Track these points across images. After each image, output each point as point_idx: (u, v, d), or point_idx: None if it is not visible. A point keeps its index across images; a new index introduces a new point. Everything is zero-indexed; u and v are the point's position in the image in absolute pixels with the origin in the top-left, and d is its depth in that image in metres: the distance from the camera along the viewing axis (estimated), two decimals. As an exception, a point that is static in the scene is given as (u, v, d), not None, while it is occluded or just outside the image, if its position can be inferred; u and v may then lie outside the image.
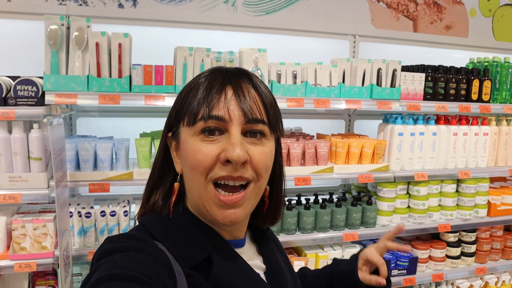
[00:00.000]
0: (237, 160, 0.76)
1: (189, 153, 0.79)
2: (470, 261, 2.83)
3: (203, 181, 0.79)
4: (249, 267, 0.86)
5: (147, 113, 2.59)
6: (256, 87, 0.83)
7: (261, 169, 0.81)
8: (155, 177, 0.91)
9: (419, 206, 2.62)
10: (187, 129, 0.81)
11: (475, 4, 3.31)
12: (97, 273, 0.65)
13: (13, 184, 1.95)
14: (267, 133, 0.82)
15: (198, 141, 0.79)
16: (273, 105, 0.85)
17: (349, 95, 2.37)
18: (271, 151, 0.84)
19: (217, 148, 0.78)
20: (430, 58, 3.16)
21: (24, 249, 2.01)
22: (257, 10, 2.76)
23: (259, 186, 0.83)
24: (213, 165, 0.78)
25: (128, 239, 0.76)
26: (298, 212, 2.40)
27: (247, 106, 0.79)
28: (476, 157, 2.73)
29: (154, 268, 0.69)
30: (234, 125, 0.78)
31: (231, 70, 0.85)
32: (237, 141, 0.77)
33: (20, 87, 1.92)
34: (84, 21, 1.98)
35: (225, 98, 0.79)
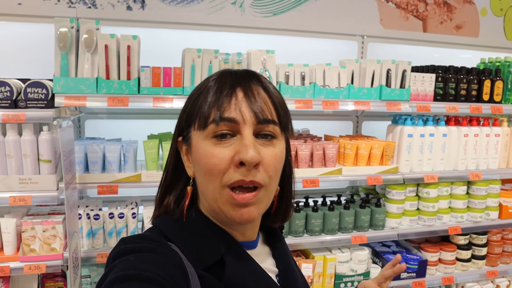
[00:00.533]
0: (251, 161, 0.76)
1: (202, 157, 0.80)
2: (481, 264, 2.80)
3: (218, 184, 0.79)
4: (262, 269, 0.86)
5: (155, 115, 2.60)
6: (266, 88, 0.84)
7: (272, 171, 0.81)
8: (167, 182, 0.91)
9: (428, 208, 2.59)
10: (198, 133, 0.81)
11: (486, 3, 3.27)
12: (112, 273, 0.66)
13: (23, 186, 1.96)
14: (277, 134, 0.82)
15: (211, 145, 0.79)
16: (283, 106, 0.86)
17: (358, 96, 2.35)
18: (282, 152, 0.84)
19: (230, 151, 0.78)
20: (437, 58, 3.13)
21: (34, 251, 2.02)
22: (265, 11, 2.75)
23: (270, 189, 0.83)
24: (228, 168, 0.78)
25: (142, 240, 0.77)
26: (306, 214, 2.39)
27: (258, 107, 0.79)
28: (487, 159, 2.69)
29: (168, 269, 0.69)
30: (246, 126, 0.78)
31: (240, 72, 0.85)
32: (250, 143, 0.77)
33: (30, 90, 1.93)
34: (93, 23, 1.99)
35: (236, 100, 0.79)
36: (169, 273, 0.69)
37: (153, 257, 0.71)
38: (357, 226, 2.47)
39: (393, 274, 1.18)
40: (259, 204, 0.81)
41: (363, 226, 2.47)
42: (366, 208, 2.48)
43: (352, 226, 2.46)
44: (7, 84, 1.91)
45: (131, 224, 2.14)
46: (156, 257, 0.71)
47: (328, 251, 2.50)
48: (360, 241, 2.43)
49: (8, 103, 1.88)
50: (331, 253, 2.47)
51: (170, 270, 0.70)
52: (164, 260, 0.71)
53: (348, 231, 2.44)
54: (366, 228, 2.48)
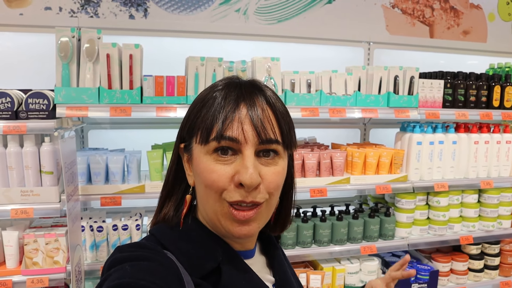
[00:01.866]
0: (250, 185, 0.75)
1: (203, 172, 0.79)
2: (494, 274, 2.72)
3: (217, 198, 0.78)
4: (259, 279, 0.85)
5: (159, 124, 2.56)
6: (271, 104, 0.81)
7: (273, 188, 0.80)
8: (168, 187, 0.91)
9: (439, 217, 2.53)
10: (199, 147, 0.80)
11: (494, 8, 3.22)
12: (107, 282, 0.66)
13: (25, 199, 1.93)
14: (280, 152, 0.81)
15: (212, 160, 0.78)
16: (287, 122, 0.84)
17: (365, 104, 2.30)
18: (284, 169, 0.83)
19: (230, 170, 0.77)
20: (443, 64, 3.08)
21: (37, 264, 1.98)
22: (269, 18, 2.72)
23: (271, 204, 0.83)
24: (227, 185, 0.77)
25: (138, 248, 0.76)
26: (314, 225, 2.33)
27: (261, 126, 0.77)
28: (499, 166, 2.63)
29: (163, 277, 0.69)
30: (248, 146, 0.77)
31: (246, 84, 0.83)
32: (251, 164, 0.76)
33: (32, 100, 1.90)
34: (95, 32, 1.96)
35: (239, 117, 0.77)
36: (165, 281, 0.68)
37: (148, 266, 0.70)
38: (366, 236, 2.41)
39: (400, 277, 1.16)
40: (259, 220, 0.81)
41: (373, 236, 2.41)
42: (375, 217, 2.42)
43: (361, 236, 2.40)
44: (8, 95, 1.88)
45: (135, 236, 2.10)
46: (152, 266, 0.70)
47: (337, 262, 2.44)
48: (370, 252, 2.37)
49: (9, 114, 1.86)
50: (340, 264, 2.41)
51: (166, 279, 0.69)
52: (160, 269, 0.71)
53: (357, 241, 2.38)
54: (375, 238, 2.42)
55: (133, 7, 2.48)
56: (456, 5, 3.12)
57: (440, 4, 3.07)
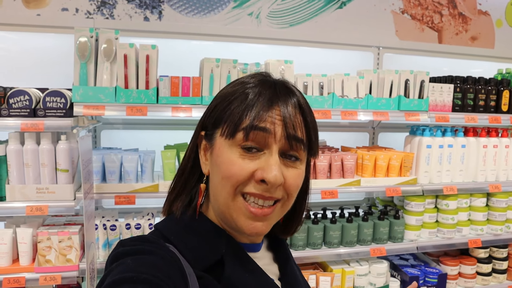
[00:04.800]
0: (274, 183, 0.75)
1: (223, 163, 0.78)
2: (502, 278, 2.73)
3: (232, 192, 0.78)
4: (262, 272, 0.85)
5: (171, 125, 2.58)
6: (304, 111, 0.81)
7: (293, 190, 0.81)
8: (184, 176, 0.89)
9: (448, 220, 2.54)
10: (223, 140, 0.79)
11: (502, 14, 3.26)
12: (110, 276, 0.66)
13: (40, 196, 1.95)
14: (302, 158, 0.82)
15: (236, 153, 0.78)
16: (315, 130, 0.84)
17: (376, 107, 2.33)
18: (303, 172, 0.84)
19: (254, 165, 0.77)
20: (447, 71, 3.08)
21: (49, 261, 1.99)
22: (281, 22, 2.75)
23: (287, 204, 0.83)
24: (247, 181, 0.77)
25: (140, 242, 0.76)
26: (324, 226, 2.35)
27: (292, 131, 0.77)
28: (507, 170, 2.65)
29: (165, 270, 0.69)
30: (275, 143, 0.77)
31: (280, 84, 0.82)
32: (276, 163, 0.76)
33: (49, 99, 1.93)
34: (112, 33, 1.99)
35: (271, 116, 0.77)
36: (167, 274, 0.68)
37: (150, 259, 0.70)
38: (376, 239, 2.43)
39: None
40: (271, 219, 0.82)
41: (382, 239, 2.42)
42: (385, 220, 2.43)
43: (370, 239, 2.41)
44: (26, 93, 1.91)
45: (148, 235, 2.11)
46: (154, 259, 0.71)
47: (346, 263, 2.45)
48: (379, 254, 2.38)
49: (27, 112, 1.88)
50: (349, 266, 2.42)
51: (168, 272, 0.69)
52: (162, 262, 0.71)
53: (366, 244, 2.40)
54: (385, 240, 2.43)
55: (148, 9, 2.51)
56: (465, 11, 3.16)
57: (449, 10, 3.11)
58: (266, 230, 0.81)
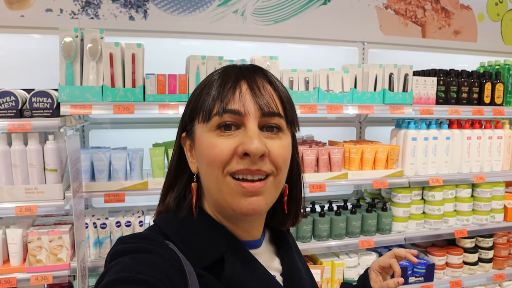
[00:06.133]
0: (256, 152, 0.74)
1: (205, 149, 0.79)
2: (488, 267, 2.79)
3: (220, 175, 0.78)
4: (264, 269, 0.85)
5: (159, 124, 2.59)
6: (271, 82, 0.82)
7: (280, 162, 0.79)
8: (171, 178, 0.90)
9: (434, 211, 2.59)
10: (202, 126, 0.80)
11: (483, 8, 3.31)
12: (108, 276, 0.66)
13: (29, 196, 1.95)
14: (283, 127, 0.81)
15: (214, 136, 0.78)
16: (289, 100, 0.84)
17: (361, 101, 2.36)
18: (289, 144, 0.83)
19: (233, 142, 0.77)
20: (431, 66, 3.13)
21: (40, 261, 2.00)
22: (266, 19, 2.78)
23: (278, 180, 0.81)
24: (230, 159, 0.77)
25: (139, 239, 0.76)
26: (313, 220, 2.38)
27: (263, 100, 0.78)
28: (491, 161, 2.70)
29: (164, 269, 0.69)
30: (250, 118, 0.77)
31: (245, 66, 0.84)
32: (255, 134, 0.76)
33: (36, 99, 1.93)
34: (97, 32, 2.00)
35: (240, 92, 0.78)
36: (165, 273, 0.68)
37: (149, 258, 0.70)
38: (364, 231, 2.46)
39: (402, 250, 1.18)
40: (267, 194, 0.80)
41: (370, 231, 2.46)
42: (373, 212, 2.47)
43: (359, 231, 2.45)
44: (12, 94, 1.91)
45: (138, 233, 2.12)
46: (152, 258, 0.70)
47: (335, 256, 2.49)
48: (368, 246, 2.42)
49: (14, 113, 1.88)
50: (339, 258, 2.45)
51: (167, 271, 0.69)
52: (161, 261, 0.70)
53: (355, 236, 2.43)
54: (373, 232, 2.47)
55: (133, 8, 2.52)
56: (447, 5, 3.21)
57: (432, 5, 3.16)
58: (263, 206, 0.79)
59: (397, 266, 1.14)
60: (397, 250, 1.18)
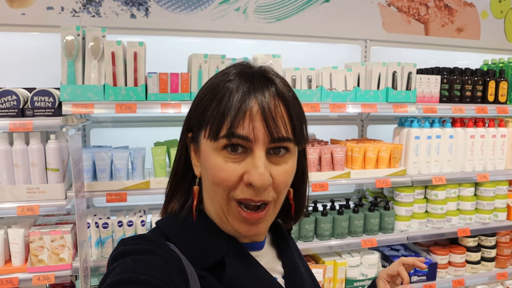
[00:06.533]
0: (261, 187, 0.75)
1: (211, 169, 0.78)
2: (491, 266, 2.78)
3: (225, 197, 0.78)
4: (265, 271, 0.85)
5: (160, 122, 2.58)
6: (283, 98, 0.78)
7: (282, 188, 0.80)
8: (177, 178, 0.90)
9: (437, 210, 2.58)
10: (208, 142, 0.78)
11: (487, 5, 3.29)
12: (110, 277, 0.67)
13: (31, 196, 1.94)
14: (291, 149, 0.80)
15: (221, 157, 0.76)
16: (299, 117, 0.81)
17: (364, 99, 2.35)
18: (293, 167, 0.82)
19: (240, 168, 0.76)
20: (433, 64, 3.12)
21: (42, 261, 1.99)
22: (268, 17, 2.76)
23: (278, 203, 0.82)
24: (236, 184, 0.77)
25: (141, 241, 0.76)
26: (315, 219, 2.37)
27: (273, 125, 0.75)
28: (494, 160, 2.69)
29: (165, 270, 0.69)
30: (259, 145, 0.75)
31: (257, 74, 0.80)
32: (261, 164, 0.74)
33: (37, 98, 1.92)
34: (99, 31, 1.98)
35: (251, 115, 0.75)
36: (167, 274, 0.69)
37: (150, 259, 0.71)
38: (367, 230, 2.45)
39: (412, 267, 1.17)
40: (267, 221, 0.82)
41: (373, 230, 2.45)
42: (375, 211, 2.46)
43: (361, 230, 2.44)
44: (14, 93, 1.90)
45: (141, 232, 2.12)
46: (154, 259, 0.71)
47: (337, 255, 2.48)
48: (370, 245, 2.41)
49: (15, 112, 1.87)
50: (341, 258, 2.45)
51: (168, 272, 0.69)
52: (162, 262, 0.71)
53: (358, 235, 2.42)
54: (375, 231, 2.46)
55: (135, 6, 2.50)
56: (450, 3, 3.18)
57: (435, 2, 3.14)
58: (263, 231, 0.82)
59: (406, 274, 1.13)
60: (405, 258, 1.18)
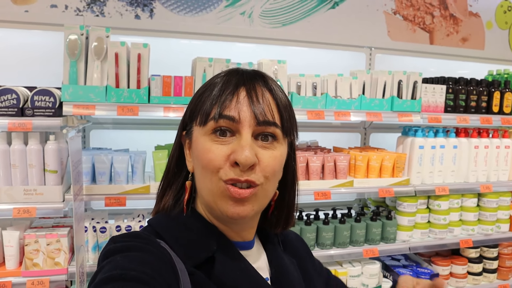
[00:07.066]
0: (245, 163, 0.76)
1: (200, 152, 0.81)
2: (492, 277, 2.75)
3: (214, 179, 0.79)
4: (253, 269, 0.86)
5: (161, 125, 2.55)
6: (271, 89, 0.84)
7: (269, 172, 0.80)
8: (170, 175, 0.92)
9: (440, 221, 2.55)
10: (199, 129, 0.82)
11: (492, 16, 3.28)
12: (100, 275, 0.67)
13: (28, 197, 1.89)
14: (279, 137, 0.82)
15: (209, 140, 0.80)
16: (288, 109, 0.85)
17: (369, 107, 2.32)
18: (282, 155, 0.84)
19: (227, 149, 0.78)
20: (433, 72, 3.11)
21: (37, 265, 1.94)
22: (274, 21, 2.73)
23: (266, 189, 0.82)
24: (223, 165, 0.78)
25: (131, 238, 0.77)
26: (317, 227, 2.33)
27: (260, 108, 0.79)
28: (498, 171, 2.67)
29: (155, 266, 0.70)
30: (244, 126, 0.78)
31: (247, 71, 0.86)
32: (246, 144, 0.77)
33: (38, 98, 1.87)
34: (103, 31, 1.95)
35: (237, 99, 0.80)
36: (157, 271, 0.69)
37: (140, 256, 0.71)
38: (369, 239, 2.42)
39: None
40: (253, 202, 0.81)
41: (375, 239, 2.42)
42: (377, 220, 2.43)
43: (363, 239, 2.40)
44: (14, 92, 1.85)
45: (139, 237, 2.07)
46: (144, 256, 0.71)
47: (338, 265, 2.44)
48: (372, 255, 2.38)
49: (15, 111, 1.83)
50: (342, 267, 2.41)
51: (158, 268, 0.70)
52: (152, 258, 0.72)
53: (359, 244, 2.39)
54: (377, 241, 2.43)
55: (139, 7, 2.47)
56: (456, 12, 3.17)
57: (440, 11, 3.13)
58: (248, 212, 0.80)
59: None
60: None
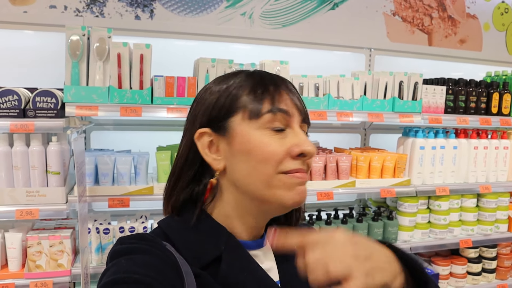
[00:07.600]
0: (312, 153, 0.80)
1: (257, 146, 0.79)
2: (491, 277, 2.77)
3: (273, 172, 0.79)
4: (261, 269, 0.84)
5: (162, 126, 2.54)
6: (295, 90, 0.88)
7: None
8: (178, 176, 0.88)
9: (440, 221, 2.56)
10: (247, 122, 0.80)
11: (489, 18, 3.31)
12: (105, 277, 0.68)
13: (30, 199, 1.88)
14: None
15: (267, 134, 0.80)
16: None
17: (371, 108, 2.33)
18: None
19: (286, 143, 0.80)
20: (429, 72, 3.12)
21: (40, 267, 1.93)
22: (274, 22, 2.73)
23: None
24: (283, 158, 0.79)
25: (137, 240, 0.77)
26: (319, 228, 2.34)
27: (302, 106, 0.85)
28: (497, 171, 2.69)
29: (160, 269, 0.70)
30: (295, 121, 0.82)
31: (271, 74, 0.87)
32: (305, 136, 0.82)
33: (39, 99, 1.86)
34: (105, 31, 1.94)
35: (284, 95, 0.82)
36: (162, 273, 0.69)
37: (145, 258, 0.71)
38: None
39: None
40: None
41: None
42: (379, 221, 2.44)
43: (365, 240, 2.41)
44: (15, 93, 1.84)
45: (142, 239, 2.06)
46: (148, 258, 0.72)
47: (340, 265, 2.44)
48: (374, 255, 2.38)
49: (17, 112, 1.81)
50: (344, 268, 2.41)
51: (163, 270, 0.70)
52: (157, 261, 0.72)
53: (361, 245, 2.39)
54: (379, 241, 2.43)
55: (139, 7, 2.46)
56: (454, 14, 3.20)
57: (439, 13, 3.15)
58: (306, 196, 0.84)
59: None
60: None
